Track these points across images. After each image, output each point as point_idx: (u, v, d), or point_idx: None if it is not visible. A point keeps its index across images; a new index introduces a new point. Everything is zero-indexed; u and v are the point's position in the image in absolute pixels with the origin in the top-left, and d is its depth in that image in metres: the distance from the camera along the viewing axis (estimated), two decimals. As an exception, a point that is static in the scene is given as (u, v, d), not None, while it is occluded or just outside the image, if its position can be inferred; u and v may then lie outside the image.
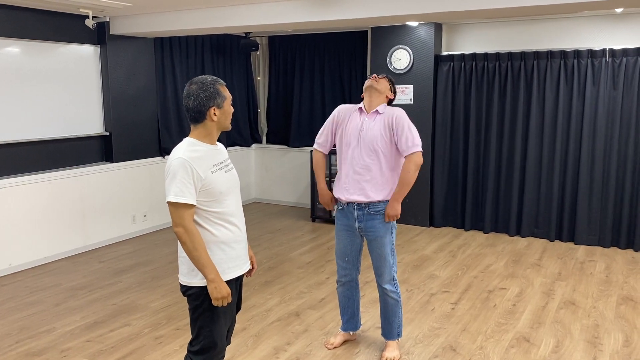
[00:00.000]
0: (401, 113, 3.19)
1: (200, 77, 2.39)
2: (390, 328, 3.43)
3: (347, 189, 3.23)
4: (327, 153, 3.42)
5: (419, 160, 3.13)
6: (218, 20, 5.11)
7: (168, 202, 2.29)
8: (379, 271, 3.32)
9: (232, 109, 2.44)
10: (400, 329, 3.45)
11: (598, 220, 5.77)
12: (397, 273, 3.38)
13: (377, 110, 3.21)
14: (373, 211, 3.22)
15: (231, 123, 2.49)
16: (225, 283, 2.34)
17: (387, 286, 3.32)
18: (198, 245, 2.28)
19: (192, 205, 2.29)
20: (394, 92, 3.34)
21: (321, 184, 3.44)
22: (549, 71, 5.80)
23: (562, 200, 5.93)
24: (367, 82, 3.26)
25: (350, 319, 3.57)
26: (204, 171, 2.31)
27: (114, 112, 5.92)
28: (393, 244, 3.30)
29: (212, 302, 2.33)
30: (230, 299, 2.36)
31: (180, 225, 2.27)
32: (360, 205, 3.22)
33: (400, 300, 3.38)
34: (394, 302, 3.36)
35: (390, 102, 3.34)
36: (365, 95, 3.28)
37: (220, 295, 2.32)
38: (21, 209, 5.07)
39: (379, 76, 3.29)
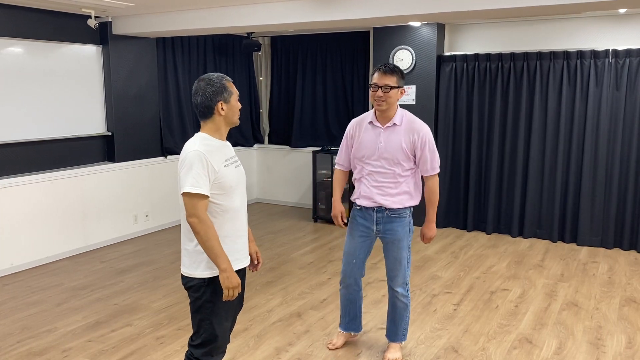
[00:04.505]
0: (428, 133, 3.09)
1: (208, 74, 2.46)
2: (395, 330, 3.41)
3: (370, 198, 3.16)
4: (348, 170, 3.37)
5: (437, 181, 3.20)
6: (220, 20, 5.11)
7: (184, 193, 2.31)
8: (392, 274, 3.27)
9: (239, 105, 2.51)
10: (405, 333, 3.43)
11: (601, 221, 5.75)
12: (409, 277, 3.34)
13: (394, 122, 3.09)
14: (393, 214, 3.16)
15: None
16: (236, 273, 2.38)
17: (400, 289, 3.28)
18: (212, 236, 2.31)
19: (206, 197, 2.33)
20: (404, 77, 3.09)
21: (336, 196, 3.38)
22: (552, 72, 5.78)
23: (565, 201, 5.91)
24: (376, 105, 3.04)
25: (353, 320, 3.52)
26: (218, 165, 2.37)
27: (116, 112, 5.92)
28: (409, 247, 3.25)
29: (224, 291, 2.36)
30: (240, 290, 2.40)
31: (195, 216, 2.30)
32: (381, 208, 3.17)
33: (409, 304, 3.35)
34: (403, 306, 3.33)
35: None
36: (377, 111, 3.11)
37: (232, 285, 2.35)
38: (23, 208, 5.07)
39: (384, 84, 2.97)
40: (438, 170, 3.19)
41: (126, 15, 5.62)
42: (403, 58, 6.33)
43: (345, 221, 3.35)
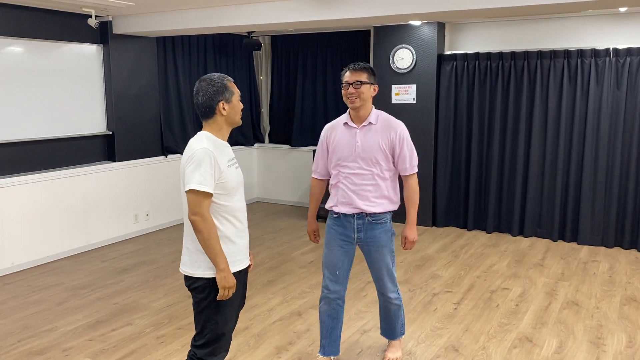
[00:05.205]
0: (405, 131, 3.01)
1: (209, 74, 2.46)
2: (393, 329, 3.34)
3: (349, 204, 3.01)
4: (325, 179, 3.21)
5: (416, 180, 3.09)
6: (221, 19, 5.11)
7: (190, 190, 2.30)
8: (381, 281, 3.14)
9: (241, 105, 2.52)
10: (403, 327, 3.36)
11: (601, 220, 5.75)
12: (397, 279, 3.24)
13: (370, 122, 2.99)
14: (374, 220, 3.02)
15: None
16: (232, 274, 2.39)
17: (392, 295, 3.18)
18: (214, 235, 2.32)
19: (211, 195, 2.33)
20: (375, 75, 3.03)
21: (311, 212, 3.27)
22: (553, 71, 5.78)
23: (565, 200, 5.91)
24: (349, 103, 2.96)
25: (333, 342, 3.24)
26: (223, 164, 2.37)
27: (117, 111, 5.92)
28: (393, 251, 3.14)
29: (219, 291, 2.37)
30: (234, 290, 2.41)
31: (199, 214, 2.29)
32: (361, 215, 3.01)
33: (402, 303, 3.27)
34: (397, 308, 3.24)
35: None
36: (350, 110, 3.03)
37: (228, 285, 2.36)
38: (24, 208, 5.07)
39: (355, 80, 2.92)
40: (417, 169, 3.08)
41: (126, 14, 5.62)
42: (403, 57, 6.32)
43: (318, 238, 3.26)
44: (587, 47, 5.63)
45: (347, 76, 2.98)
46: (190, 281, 2.46)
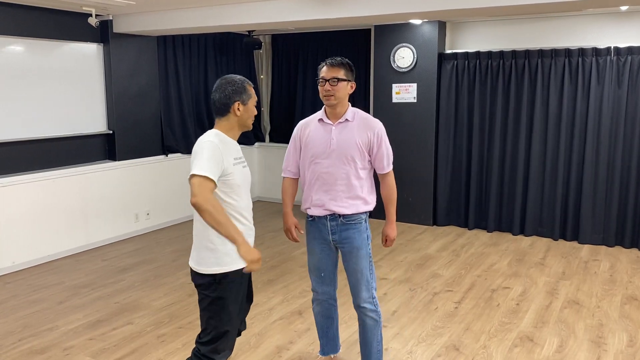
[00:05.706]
0: (382, 129, 2.92)
1: (231, 74, 2.52)
2: (369, 353, 3.03)
3: (321, 205, 2.91)
4: (297, 178, 3.08)
5: (393, 177, 3.02)
6: (221, 18, 5.11)
7: (191, 176, 2.29)
8: (355, 289, 2.96)
9: (255, 111, 2.55)
10: (380, 354, 3.06)
11: (602, 219, 5.74)
12: (376, 290, 3.02)
13: (346, 118, 2.90)
14: (347, 221, 2.90)
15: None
16: (254, 248, 2.42)
17: (367, 305, 2.95)
18: (221, 210, 2.30)
19: (212, 181, 2.31)
20: (353, 71, 2.91)
21: (286, 209, 3.08)
22: (553, 69, 5.77)
23: (566, 199, 5.91)
24: (325, 100, 2.88)
25: (331, 340, 3.24)
26: (228, 160, 2.40)
27: (117, 110, 5.92)
28: (370, 256, 2.98)
29: (247, 265, 2.38)
30: (260, 264, 2.43)
31: (200, 195, 2.26)
32: (334, 216, 2.90)
33: (380, 321, 3.00)
34: (374, 323, 2.99)
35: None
36: (326, 107, 2.94)
37: (254, 257, 2.38)
38: (24, 207, 5.07)
39: (332, 76, 2.82)
40: (392, 166, 3.00)
41: (127, 13, 5.61)
42: (404, 56, 6.32)
43: (302, 232, 3.09)
44: (588, 45, 5.62)
45: (324, 71, 2.88)
46: (195, 278, 2.48)
